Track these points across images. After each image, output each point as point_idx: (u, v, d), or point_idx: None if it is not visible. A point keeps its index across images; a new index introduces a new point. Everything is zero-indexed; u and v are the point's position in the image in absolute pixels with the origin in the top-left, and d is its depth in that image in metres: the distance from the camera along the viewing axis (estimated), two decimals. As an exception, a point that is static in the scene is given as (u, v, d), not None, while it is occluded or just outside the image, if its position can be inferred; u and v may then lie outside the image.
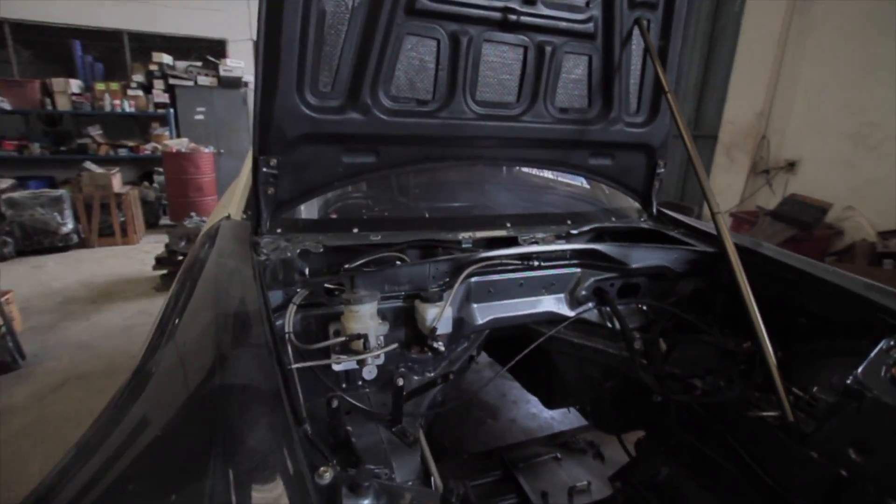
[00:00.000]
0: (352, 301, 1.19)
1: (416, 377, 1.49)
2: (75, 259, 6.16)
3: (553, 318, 1.74)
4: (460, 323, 1.55)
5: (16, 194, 5.97)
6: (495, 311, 1.65)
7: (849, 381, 1.20)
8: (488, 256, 1.53)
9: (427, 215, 1.88)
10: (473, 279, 1.59)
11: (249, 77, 8.12)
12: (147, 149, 7.90)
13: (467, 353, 1.65)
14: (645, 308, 1.88)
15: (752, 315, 1.45)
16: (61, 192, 6.22)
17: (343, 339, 1.17)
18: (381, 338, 1.33)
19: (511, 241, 1.75)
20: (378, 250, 1.60)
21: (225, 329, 0.96)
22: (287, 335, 1.20)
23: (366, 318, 1.20)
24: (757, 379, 1.50)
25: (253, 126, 1.46)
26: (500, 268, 1.62)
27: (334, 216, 1.83)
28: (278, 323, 1.24)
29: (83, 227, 6.52)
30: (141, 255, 6.38)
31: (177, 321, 1.03)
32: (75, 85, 7.55)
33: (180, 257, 5.29)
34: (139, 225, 7.02)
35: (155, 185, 7.86)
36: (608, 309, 1.79)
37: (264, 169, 1.50)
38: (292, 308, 1.24)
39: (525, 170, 2.38)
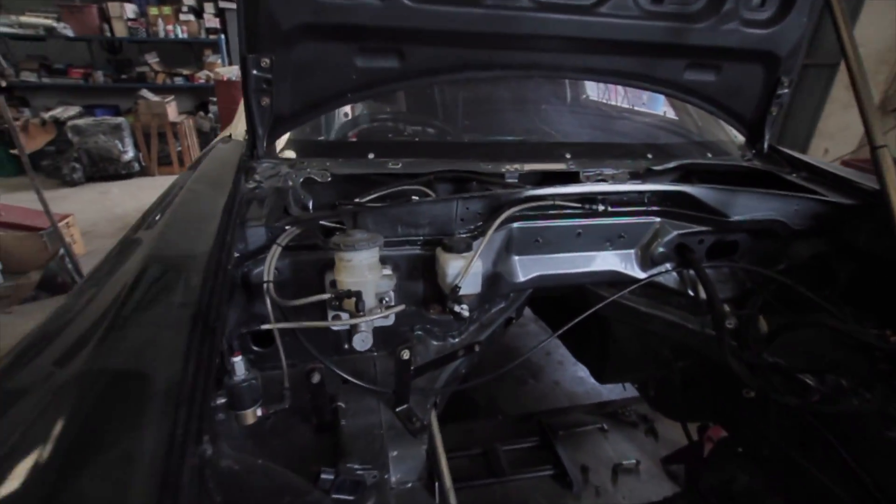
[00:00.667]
0: (342, 246, 0.88)
1: (434, 342, 1.20)
2: (137, 187, 6.38)
3: (618, 280, 1.37)
4: (495, 279, 1.21)
5: (80, 121, 6.15)
6: (543, 266, 1.30)
7: None
8: (537, 195, 1.15)
9: (464, 140, 1.50)
10: (516, 224, 1.23)
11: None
12: (201, 77, 7.84)
13: (503, 315, 1.33)
14: (742, 275, 1.45)
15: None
16: (121, 119, 6.34)
17: (327, 296, 0.88)
18: (391, 294, 1.03)
19: (570, 179, 1.35)
20: (399, 182, 1.27)
21: (141, 283, 0.70)
22: (265, 284, 0.93)
23: (361, 269, 0.90)
24: None
25: (237, 14, 1.12)
26: (552, 211, 1.24)
27: (347, 138, 1.49)
28: (257, 271, 0.97)
29: (143, 155, 6.69)
30: (196, 185, 6.49)
31: (108, 268, 0.78)
32: (130, 9, 7.48)
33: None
34: (196, 154, 7.11)
35: (210, 115, 7.87)
36: (692, 272, 1.37)
37: (255, 72, 1.17)
38: (276, 250, 0.96)
39: (595, 87, 1.88)
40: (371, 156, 1.32)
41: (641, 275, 1.37)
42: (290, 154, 1.36)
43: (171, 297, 0.69)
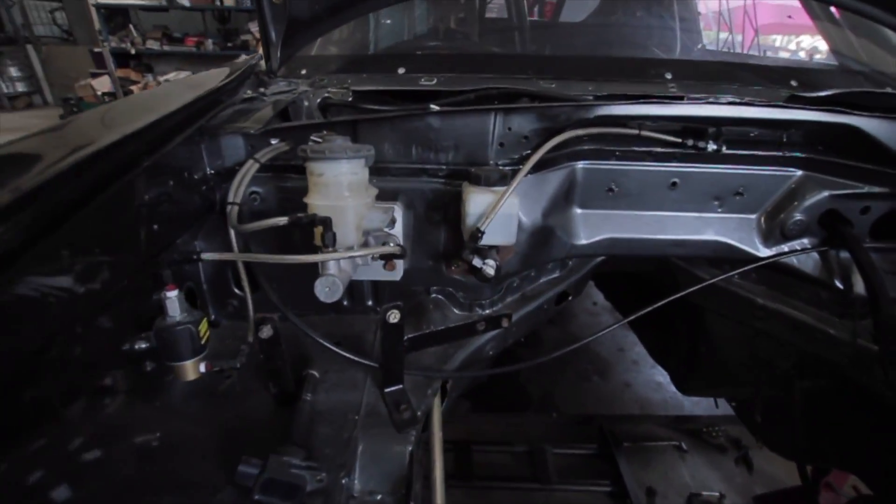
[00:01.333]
0: (309, 153, 0.63)
1: (457, 311, 0.92)
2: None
3: (726, 256, 0.97)
4: (546, 236, 0.89)
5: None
6: (617, 226, 0.94)
7: None
8: (615, 115, 0.80)
9: (522, 53, 1.16)
10: (582, 164, 0.89)
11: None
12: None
13: (556, 288, 1.00)
14: None
15: None
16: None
17: (283, 220, 0.64)
18: (394, 235, 0.77)
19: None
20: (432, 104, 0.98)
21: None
22: (228, 207, 0.71)
23: (339, 187, 0.64)
24: None
25: None
26: (636, 148, 0.88)
27: (374, 52, 1.23)
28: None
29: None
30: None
31: None
32: (239, -20, 7.90)
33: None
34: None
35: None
36: (844, 254, 0.93)
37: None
38: (250, 167, 0.74)
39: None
40: (401, 70, 1.05)
41: (764, 251, 0.96)
42: (310, 72, 1.13)
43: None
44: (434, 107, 0.81)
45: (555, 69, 1.02)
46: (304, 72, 1.15)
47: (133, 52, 8.05)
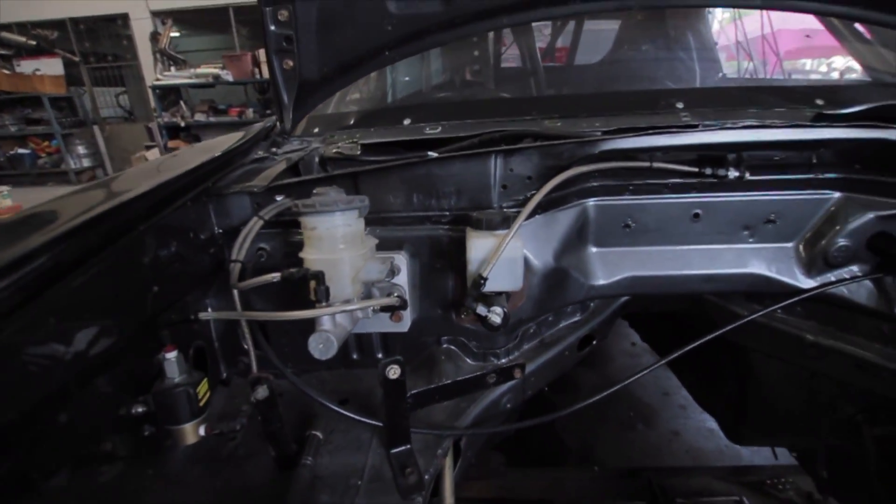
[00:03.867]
0: (302, 208, 0.62)
1: (471, 361, 0.87)
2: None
3: (765, 290, 0.89)
4: (561, 278, 0.84)
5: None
6: (638, 264, 0.89)
7: None
8: (622, 149, 0.76)
9: (525, 96, 1.16)
10: (593, 202, 0.85)
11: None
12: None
13: (577, 332, 0.94)
14: None
15: None
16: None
17: (276, 276, 0.62)
18: (400, 283, 0.74)
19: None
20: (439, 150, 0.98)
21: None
22: (231, 265, 0.71)
23: (332, 241, 0.63)
24: None
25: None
26: (653, 182, 0.84)
27: (384, 107, 1.26)
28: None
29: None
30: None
31: None
32: (276, 53, 8.64)
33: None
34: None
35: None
36: (901, 281, 0.83)
37: (273, 27, 1.01)
38: (254, 224, 0.74)
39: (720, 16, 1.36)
40: (407, 121, 1.07)
41: (807, 283, 0.87)
42: (322, 129, 1.18)
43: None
44: (432, 154, 0.81)
45: (561, 108, 1.01)
46: (316, 130, 1.19)
47: (183, 124, 8.82)
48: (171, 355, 0.62)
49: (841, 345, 0.89)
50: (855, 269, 0.87)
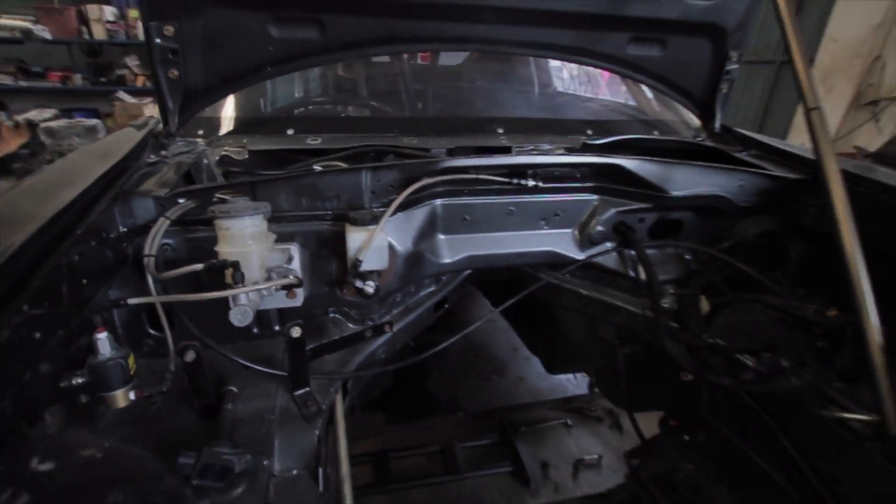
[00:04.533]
0: (218, 213, 0.81)
1: (351, 326, 1.13)
2: (112, 189, 6.28)
3: (555, 261, 1.30)
4: (417, 259, 1.14)
5: (53, 124, 6.06)
6: (473, 246, 1.23)
7: None
8: (456, 167, 1.08)
9: (390, 116, 1.43)
10: (440, 202, 1.16)
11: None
12: (181, 79, 7.76)
13: (432, 299, 1.26)
14: (688, 256, 1.38)
15: (853, 268, 0.94)
16: (96, 122, 6.25)
17: (199, 266, 0.81)
18: (293, 270, 0.96)
19: (503, 154, 1.29)
20: (318, 159, 1.20)
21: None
22: (146, 259, 0.85)
23: (243, 238, 0.83)
24: (843, 364, 1.02)
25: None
26: (481, 188, 1.18)
27: (266, 115, 1.43)
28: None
29: (119, 157, 6.59)
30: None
31: None
32: (109, 12, 7.41)
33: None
34: (173, 157, 7.03)
35: (190, 117, 7.78)
36: (633, 252, 1.31)
37: (158, 40, 1.11)
38: (161, 224, 0.89)
39: (534, 65, 1.80)
40: (290, 132, 1.26)
41: (580, 255, 1.30)
42: (207, 132, 1.29)
43: None
44: (317, 167, 1.03)
45: (416, 128, 1.30)
46: (200, 132, 1.30)
47: (-25, 86, 7.14)
48: (103, 335, 0.76)
49: (601, 295, 1.36)
50: (608, 245, 1.33)
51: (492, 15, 1.30)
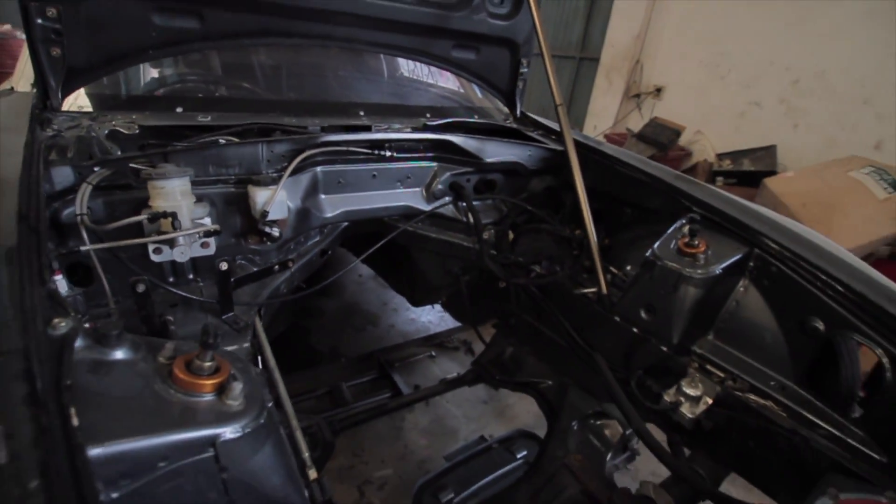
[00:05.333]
0: (154, 175, 1.04)
1: (255, 269, 1.42)
2: None
3: (410, 213, 1.75)
4: (305, 214, 1.47)
5: None
6: (347, 203, 1.60)
7: (647, 255, 1.38)
8: (331, 140, 1.44)
9: (270, 98, 1.70)
10: (320, 168, 1.50)
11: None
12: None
13: (318, 246, 1.60)
14: (501, 205, 1.97)
15: (581, 202, 1.58)
16: None
17: (145, 216, 1.04)
18: (207, 221, 1.21)
19: (364, 131, 1.67)
20: (207, 134, 1.42)
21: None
22: (79, 217, 1.03)
23: (175, 194, 1.07)
24: (585, 262, 1.68)
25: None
26: (351, 157, 1.55)
27: (155, 93, 1.57)
28: (67, 211, 1.06)
29: None
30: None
31: None
32: None
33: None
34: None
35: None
36: (464, 204, 1.83)
37: (39, 20, 1.20)
38: (86, 188, 1.06)
39: (387, 60, 2.23)
40: (179, 109, 1.44)
41: (427, 207, 1.77)
42: (88, 108, 1.39)
43: None
44: (222, 140, 1.28)
45: (294, 110, 1.59)
46: (81, 107, 1.39)
47: None
48: (59, 277, 0.95)
49: (444, 236, 1.85)
50: (447, 199, 1.82)
51: (347, 19, 1.65)
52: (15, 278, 0.65)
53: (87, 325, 1.01)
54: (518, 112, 2.25)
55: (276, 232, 1.28)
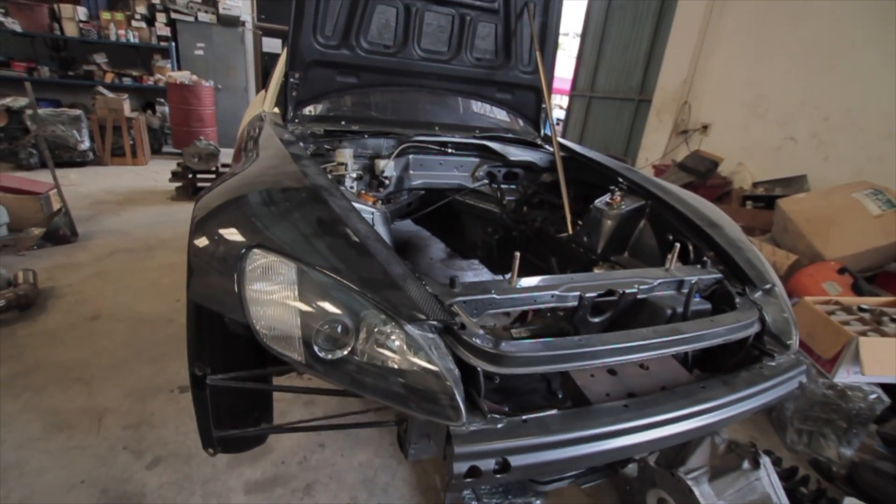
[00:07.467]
0: (334, 146, 2.30)
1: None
2: (93, 173, 7.04)
3: (461, 188, 2.90)
4: (401, 180, 2.69)
5: (40, 111, 6.74)
6: (425, 178, 2.80)
7: (590, 207, 2.39)
8: (418, 140, 2.65)
9: (388, 117, 2.98)
10: (411, 156, 2.72)
11: (247, 17, 8.75)
12: (150, 80, 8.59)
13: (407, 200, 2.80)
14: (520, 188, 3.05)
15: (561, 184, 2.63)
16: (80, 112, 7.00)
17: (334, 163, 2.28)
18: (360, 171, 2.45)
19: (437, 137, 2.87)
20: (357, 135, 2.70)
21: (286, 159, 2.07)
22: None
23: (346, 156, 2.30)
24: (562, 215, 2.70)
25: (286, 53, 2.51)
26: (428, 151, 2.75)
27: (331, 114, 2.91)
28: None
29: (97, 146, 7.35)
30: (151, 174, 7.29)
31: (256, 155, 2.12)
32: (81, 12, 8.13)
33: (191, 174, 6.25)
34: (146, 148, 7.87)
35: (158, 114, 8.61)
36: (496, 185, 2.95)
37: (291, 80, 2.56)
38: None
39: (455, 97, 3.47)
40: (343, 123, 2.75)
41: (472, 185, 2.91)
42: (301, 121, 2.75)
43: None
44: (364, 136, 2.55)
45: (399, 124, 2.84)
46: (296, 120, 2.75)
47: (-53, 73, 7.56)
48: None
49: (483, 205, 2.97)
50: (485, 180, 2.95)
51: (434, 75, 2.90)
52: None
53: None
54: (542, 133, 3.35)
55: (387, 181, 2.50)
